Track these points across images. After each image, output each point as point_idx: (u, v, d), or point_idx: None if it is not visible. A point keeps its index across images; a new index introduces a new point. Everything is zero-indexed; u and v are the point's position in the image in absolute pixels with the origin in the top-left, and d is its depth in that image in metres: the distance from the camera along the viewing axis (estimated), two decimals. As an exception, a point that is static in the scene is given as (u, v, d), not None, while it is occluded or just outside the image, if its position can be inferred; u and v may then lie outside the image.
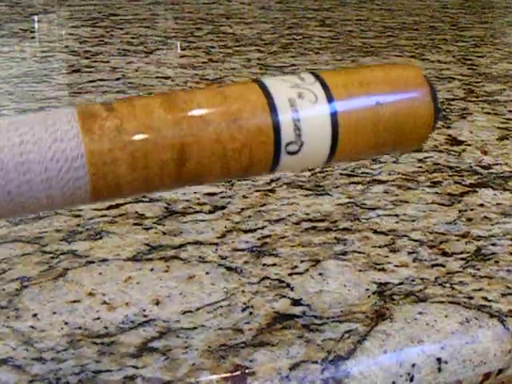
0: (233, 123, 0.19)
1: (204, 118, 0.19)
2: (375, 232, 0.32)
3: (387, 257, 0.30)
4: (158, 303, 0.26)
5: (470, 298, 0.27)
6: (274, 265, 0.29)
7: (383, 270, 0.29)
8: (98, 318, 0.25)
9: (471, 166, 0.41)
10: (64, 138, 0.18)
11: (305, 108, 0.20)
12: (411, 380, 0.24)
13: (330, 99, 0.20)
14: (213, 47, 0.73)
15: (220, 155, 0.19)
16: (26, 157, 0.17)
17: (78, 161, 0.18)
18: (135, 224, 0.32)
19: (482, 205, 0.36)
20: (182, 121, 0.19)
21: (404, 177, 0.39)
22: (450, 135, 0.46)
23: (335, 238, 0.32)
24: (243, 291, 0.27)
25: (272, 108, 0.19)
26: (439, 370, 0.24)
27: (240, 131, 0.19)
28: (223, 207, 0.34)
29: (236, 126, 0.19)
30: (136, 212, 0.33)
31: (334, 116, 0.20)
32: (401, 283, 0.28)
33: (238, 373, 0.22)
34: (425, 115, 0.21)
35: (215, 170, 0.19)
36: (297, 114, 0.19)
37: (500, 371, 0.26)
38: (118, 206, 0.34)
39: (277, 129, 0.19)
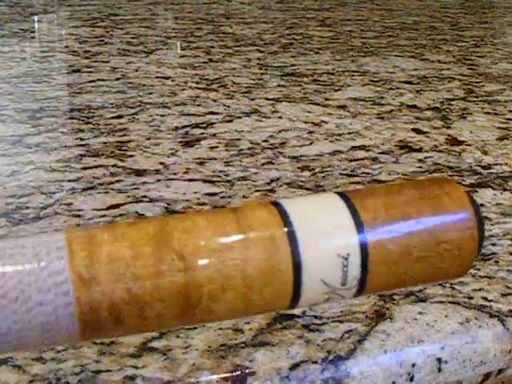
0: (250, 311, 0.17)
1: (216, 316, 0.17)
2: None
3: (387, 257, 0.30)
4: (157, 303, 0.26)
5: (470, 298, 0.27)
6: (274, 265, 0.29)
7: (383, 269, 0.29)
8: (98, 318, 0.25)
9: (471, 166, 0.41)
10: (60, 343, 0.16)
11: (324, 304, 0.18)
12: (411, 380, 0.24)
13: (362, 283, 0.18)
14: (213, 47, 0.73)
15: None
16: (17, 316, 0.15)
17: (70, 322, 0.16)
18: (135, 224, 0.32)
19: (481, 205, 0.35)
20: (192, 318, 0.17)
21: (404, 177, 0.39)
22: (449, 135, 0.46)
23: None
24: (243, 291, 0.27)
25: (294, 300, 0.17)
26: (439, 370, 0.24)
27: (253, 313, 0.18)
28: (223, 207, 0.34)
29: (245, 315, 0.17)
30: (136, 212, 0.33)
31: (359, 291, 0.18)
32: (401, 283, 0.28)
33: (237, 373, 0.22)
34: (468, 243, 0.18)
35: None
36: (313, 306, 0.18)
37: (500, 371, 0.26)
38: (118, 205, 0.34)
39: (293, 306, 0.18)
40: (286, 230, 0.17)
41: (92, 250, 0.16)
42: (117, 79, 0.59)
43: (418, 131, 0.47)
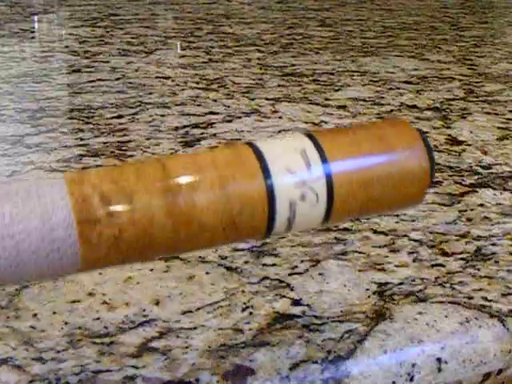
0: (230, 227, 0.19)
1: (203, 225, 0.19)
2: (375, 232, 0.32)
3: (387, 257, 0.30)
4: (157, 303, 0.26)
5: (470, 298, 0.27)
6: (274, 265, 0.29)
7: (383, 269, 0.29)
8: (98, 318, 0.25)
9: (471, 166, 0.41)
10: (61, 247, 0.17)
11: (303, 211, 0.20)
12: (411, 380, 0.24)
13: (329, 196, 0.20)
14: (213, 47, 0.73)
15: (211, 249, 0.19)
16: (22, 267, 0.17)
17: (74, 266, 0.18)
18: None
19: (481, 205, 0.36)
20: (180, 228, 0.18)
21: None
22: (449, 135, 0.46)
23: (335, 238, 0.32)
24: (243, 291, 0.27)
25: (271, 212, 0.19)
26: (439, 370, 0.24)
27: (236, 233, 0.19)
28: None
29: (233, 229, 0.19)
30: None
31: (328, 209, 0.20)
32: (401, 283, 0.28)
33: (237, 373, 0.22)
34: (421, 173, 0.21)
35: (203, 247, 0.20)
36: (293, 216, 0.20)
37: (500, 371, 0.26)
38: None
39: (270, 227, 0.20)
40: (248, 144, 0.20)
41: (84, 171, 0.19)
42: (117, 79, 0.59)
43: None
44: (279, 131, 0.46)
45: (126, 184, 0.18)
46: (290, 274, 0.28)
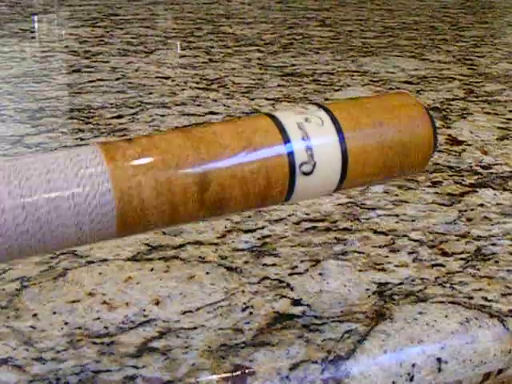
0: (248, 146, 0.20)
1: (221, 143, 0.20)
2: (375, 232, 0.32)
3: (387, 257, 0.30)
4: (158, 303, 0.26)
5: (470, 298, 0.27)
6: (274, 265, 0.29)
7: (383, 270, 0.29)
8: (98, 318, 0.25)
9: (471, 166, 0.41)
10: (89, 165, 0.18)
11: (313, 130, 0.21)
12: (411, 380, 0.24)
13: (334, 121, 0.21)
14: (213, 47, 0.73)
15: (239, 177, 0.20)
16: (54, 184, 0.18)
17: (104, 186, 0.18)
18: (135, 224, 0.32)
19: (481, 205, 0.36)
20: (200, 146, 0.20)
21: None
22: (450, 135, 0.46)
23: (335, 238, 0.32)
24: (243, 291, 0.27)
25: (282, 130, 0.21)
26: (439, 370, 0.24)
27: (255, 154, 0.20)
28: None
29: (251, 148, 0.20)
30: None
31: (341, 136, 0.21)
32: (401, 283, 0.28)
33: (238, 373, 0.22)
34: (426, 137, 0.22)
35: (235, 194, 0.20)
36: (306, 135, 0.21)
37: (500, 371, 0.26)
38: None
39: (289, 149, 0.20)
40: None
41: None
42: (117, 79, 0.59)
43: (417, 131, 0.47)
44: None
45: (144, 135, 0.20)
46: (290, 274, 0.28)
